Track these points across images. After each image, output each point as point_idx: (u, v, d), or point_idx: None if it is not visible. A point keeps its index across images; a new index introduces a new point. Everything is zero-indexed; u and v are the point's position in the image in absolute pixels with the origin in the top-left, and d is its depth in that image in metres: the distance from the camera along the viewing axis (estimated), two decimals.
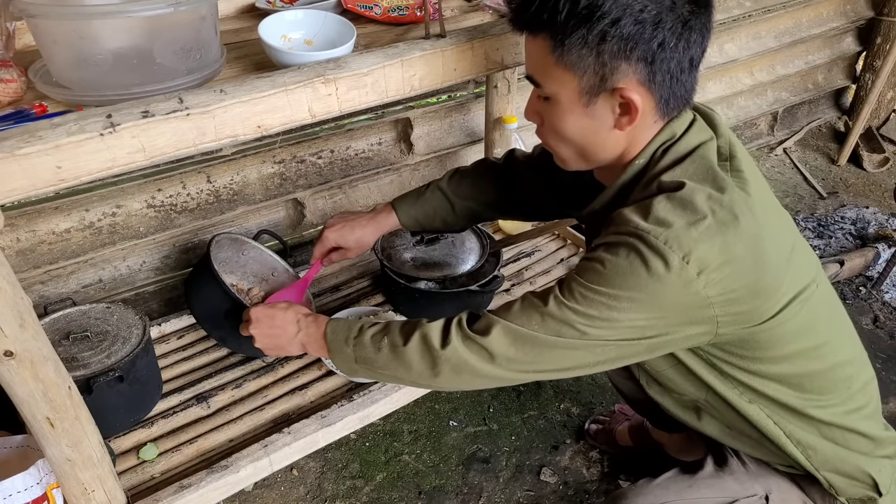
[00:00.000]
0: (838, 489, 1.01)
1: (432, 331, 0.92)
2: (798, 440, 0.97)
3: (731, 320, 0.84)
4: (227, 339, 1.43)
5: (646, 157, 0.88)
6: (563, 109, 0.86)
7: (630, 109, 0.83)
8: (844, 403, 0.97)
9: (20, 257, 1.45)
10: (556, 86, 0.85)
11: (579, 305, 0.82)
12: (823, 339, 0.94)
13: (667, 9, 0.77)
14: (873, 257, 2.19)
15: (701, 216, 0.79)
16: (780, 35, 2.62)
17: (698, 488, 1.06)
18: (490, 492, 1.52)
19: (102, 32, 0.90)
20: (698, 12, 0.80)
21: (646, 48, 0.78)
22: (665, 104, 0.84)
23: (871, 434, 0.99)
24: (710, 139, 0.88)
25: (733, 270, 0.79)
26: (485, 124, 1.87)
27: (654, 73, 0.80)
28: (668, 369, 0.99)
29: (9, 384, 0.86)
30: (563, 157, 0.94)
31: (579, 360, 0.87)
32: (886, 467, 1.01)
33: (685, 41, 0.80)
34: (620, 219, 0.83)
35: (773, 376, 0.93)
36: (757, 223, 0.82)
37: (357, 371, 1.00)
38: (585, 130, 0.87)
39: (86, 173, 0.79)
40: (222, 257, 1.52)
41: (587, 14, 0.77)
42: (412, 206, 1.26)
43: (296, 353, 1.08)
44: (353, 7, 1.28)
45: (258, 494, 1.51)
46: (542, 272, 1.75)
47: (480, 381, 0.92)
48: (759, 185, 0.88)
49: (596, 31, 0.77)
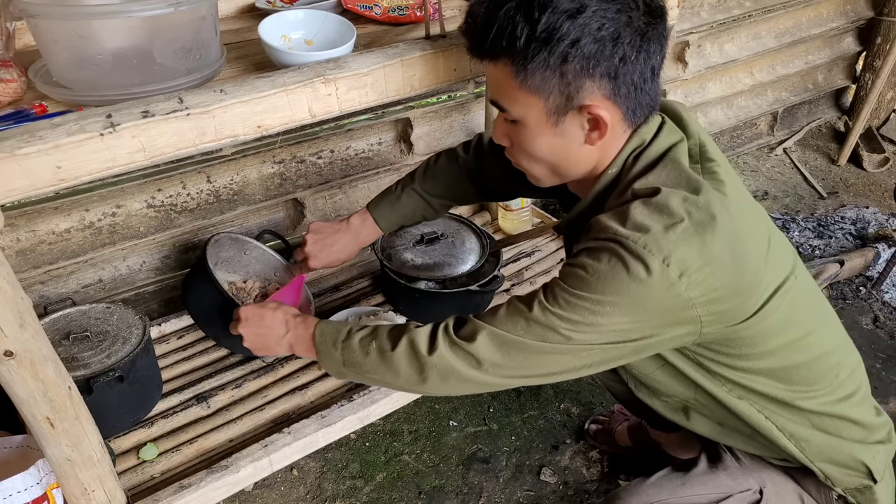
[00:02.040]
0: (834, 480, 1.01)
1: (419, 337, 0.92)
2: (791, 433, 0.98)
3: (715, 319, 0.85)
4: (221, 338, 1.43)
5: (618, 165, 0.89)
6: (532, 131, 0.87)
7: (599, 125, 0.84)
8: (833, 392, 0.98)
9: (20, 257, 1.45)
10: (522, 109, 0.85)
11: (563, 311, 0.83)
12: (807, 330, 0.95)
13: (624, 24, 0.78)
14: (873, 257, 2.19)
15: (678, 219, 0.79)
16: (780, 35, 2.62)
17: (692, 485, 1.06)
18: (490, 492, 1.52)
19: (102, 32, 0.90)
20: (654, 23, 0.81)
21: (608, 64, 0.79)
22: (632, 114, 0.86)
23: (863, 420, 1.00)
24: (681, 140, 0.89)
25: (714, 270, 0.80)
26: (485, 124, 1.87)
27: (619, 86, 0.81)
28: (656, 371, 1.00)
29: (9, 384, 0.86)
30: (535, 175, 0.95)
31: (565, 365, 0.88)
32: (880, 453, 1.02)
33: (645, 52, 0.81)
34: (599, 226, 0.84)
35: (761, 371, 0.94)
36: (734, 222, 0.83)
37: (345, 374, 1.00)
38: (556, 149, 0.88)
39: (86, 173, 0.79)
40: (224, 257, 1.52)
41: (546, 37, 0.77)
42: (390, 212, 1.28)
43: (283, 354, 1.08)
44: (353, 7, 1.28)
45: (258, 494, 1.51)
46: (542, 272, 1.75)
47: (468, 386, 0.93)
48: (733, 183, 0.89)
49: (557, 53, 0.78)
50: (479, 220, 1.92)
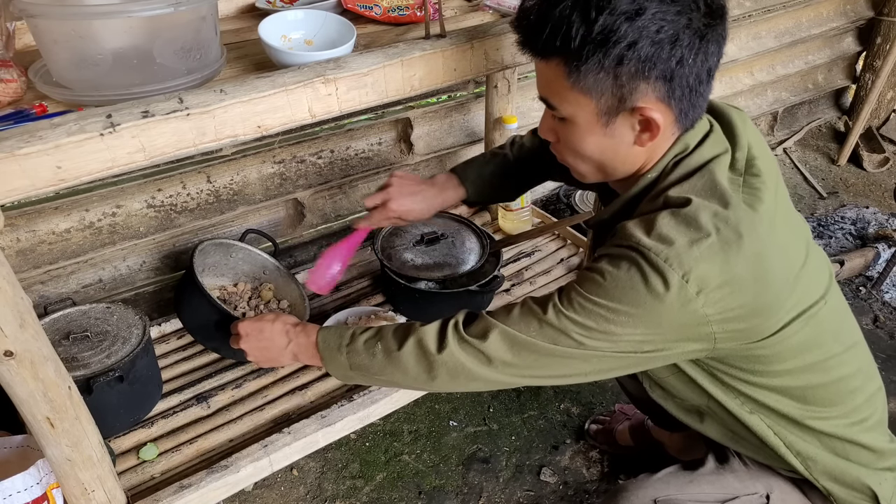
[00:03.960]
0: (837, 498, 1.00)
1: (427, 334, 0.92)
2: (798, 451, 0.97)
3: (729, 337, 0.84)
4: (220, 348, 1.43)
5: (657, 170, 0.87)
6: (582, 130, 0.85)
7: (651, 126, 0.82)
8: (847, 416, 0.96)
9: (20, 257, 1.45)
10: (572, 108, 0.83)
11: (577, 316, 0.82)
12: (829, 353, 0.93)
13: (683, 26, 0.75)
14: (873, 257, 2.19)
15: (705, 234, 0.78)
16: (780, 35, 2.62)
17: (699, 484, 1.06)
18: (490, 492, 1.52)
19: (102, 32, 0.90)
20: (714, 24, 0.78)
21: (664, 67, 0.77)
22: (684, 117, 0.83)
23: (873, 446, 0.98)
24: (725, 152, 0.87)
25: (733, 290, 0.79)
26: (485, 124, 1.87)
27: (674, 89, 0.79)
28: (670, 377, 0.99)
29: (9, 384, 0.86)
30: (581, 172, 0.93)
31: (576, 369, 0.87)
32: (888, 480, 0.99)
33: (703, 54, 0.78)
34: (623, 232, 0.83)
35: (775, 388, 0.93)
36: (761, 242, 0.81)
37: (352, 378, 1.00)
38: (605, 149, 0.86)
39: (86, 173, 0.79)
40: (210, 262, 1.51)
41: (602, 39, 0.75)
42: (478, 176, 1.23)
43: (288, 364, 1.08)
44: (353, 7, 1.28)
45: (258, 494, 1.51)
46: (542, 272, 1.75)
47: (476, 384, 0.92)
48: (773, 199, 0.86)
49: (612, 56, 0.75)
50: (479, 220, 1.92)
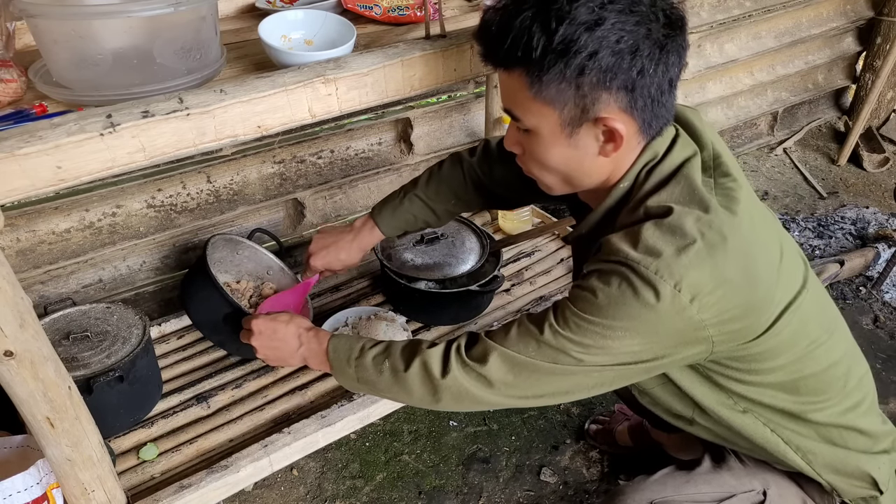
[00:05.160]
0: (840, 491, 1.01)
1: (432, 358, 0.92)
2: (797, 446, 0.97)
3: (727, 338, 0.84)
4: (225, 342, 1.43)
5: (630, 179, 0.88)
6: (546, 141, 0.85)
7: (614, 137, 0.82)
8: (840, 402, 0.97)
9: (20, 257, 1.45)
10: (535, 119, 0.84)
11: (574, 334, 0.83)
12: (817, 341, 0.94)
13: (643, 37, 0.76)
14: (873, 257, 2.19)
15: (690, 241, 0.79)
16: (780, 35, 2.62)
17: (696, 484, 1.06)
18: (490, 492, 1.52)
19: (102, 32, 0.90)
20: (673, 35, 0.79)
21: (625, 77, 0.77)
22: (648, 126, 0.84)
23: (869, 430, 1.00)
24: (695, 154, 0.88)
25: (726, 293, 0.80)
26: (485, 124, 1.87)
27: (636, 99, 0.80)
28: (656, 387, 1.00)
29: (9, 384, 0.86)
30: (547, 184, 0.93)
31: (577, 384, 0.88)
32: (885, 463, 1.01)
33: (664, 64, 0.79)
34: (610, 247, 0.83)
35: (770, 384, 0.93)
36: (745, 240, 0.82)
37: (360, 389, 1.02)
38: (570, 160, 0.87)
39: (86, 173, 0.79)
40: (217, 257, 1.51)
41: (563, 49, 0.75)
42: (392, 217, 1.27)
43: (297, 366, 1.09)
44: (353, 7, 1.28)
45: (258, 494, 1.51)
46: (542, 272, 1.75)
47: (482, 406, 0.93)
48: (746, 198, 0.87)
49: (573, 66, 0.76)
50: (479, 220, 1.92)
